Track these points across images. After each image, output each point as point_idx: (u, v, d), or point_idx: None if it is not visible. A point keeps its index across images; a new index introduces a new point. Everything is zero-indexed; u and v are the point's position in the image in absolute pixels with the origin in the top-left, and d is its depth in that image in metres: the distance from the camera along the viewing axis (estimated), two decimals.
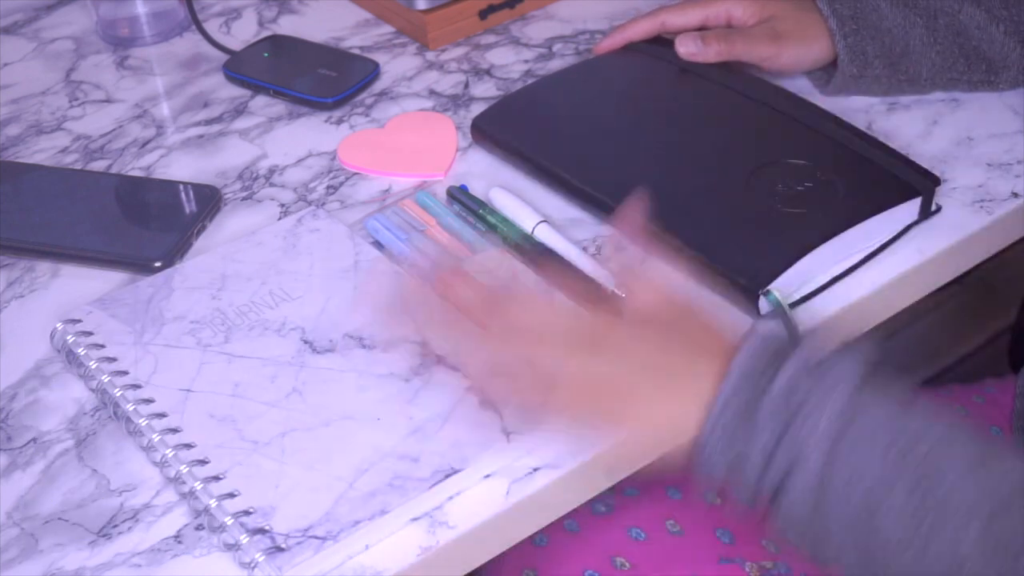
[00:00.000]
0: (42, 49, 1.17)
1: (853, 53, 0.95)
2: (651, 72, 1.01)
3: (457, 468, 0.73)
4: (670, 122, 0.97)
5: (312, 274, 0.87)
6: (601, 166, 0.93)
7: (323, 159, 1.00)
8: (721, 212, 0.88)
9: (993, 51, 0.96)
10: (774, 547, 0.91)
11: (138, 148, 1.03)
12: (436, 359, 0.79)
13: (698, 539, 0.91)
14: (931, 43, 0.96)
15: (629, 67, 1.02)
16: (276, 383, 0.79)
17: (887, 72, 0.96)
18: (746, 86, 0.98)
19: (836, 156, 0.90)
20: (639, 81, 1.01)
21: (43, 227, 0.93)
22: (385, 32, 1.15)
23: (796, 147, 0.91)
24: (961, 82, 0.98)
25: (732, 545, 0.90)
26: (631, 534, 0.91)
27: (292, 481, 0.73)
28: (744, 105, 0.96)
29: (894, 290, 0.87)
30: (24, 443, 0.78)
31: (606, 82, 1.02)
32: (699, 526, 0.92)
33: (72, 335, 0.83)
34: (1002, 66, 0.97)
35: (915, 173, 0.89)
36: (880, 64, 0.96)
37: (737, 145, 0.94)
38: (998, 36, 0.95)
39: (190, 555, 0.71)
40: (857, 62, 0.96)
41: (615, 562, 0.90)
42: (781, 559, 0.90)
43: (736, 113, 0.96)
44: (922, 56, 0.96)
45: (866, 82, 0.97)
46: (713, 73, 0.99)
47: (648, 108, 0.99)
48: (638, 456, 0.73)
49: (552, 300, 0.76)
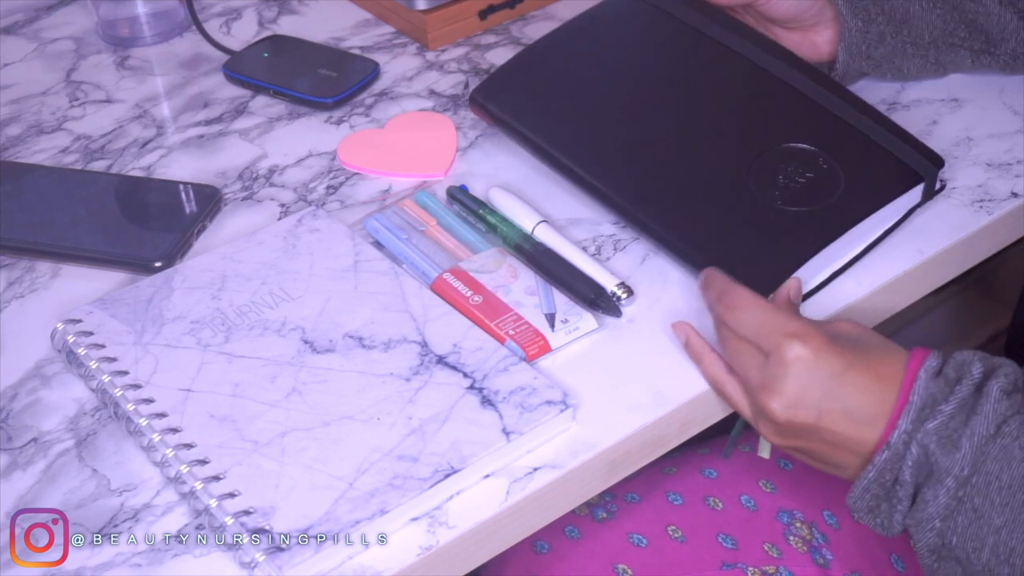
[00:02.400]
0: (42, 49, 1.17)
1: (855, 9, 0.95)
2: (654, 31, 0.98)
3: (457, 468, 0.73)
4: (671, 96, 0.94)
5: (312, 274, 0.87)
6: (599, 148, 0.91)
7: (323, 159, 1.00)
8: (722, 211, 0.87)
9: (990, 24, 0.95)
10: (776, 551, 0.91)
11: (138, 148, 1.03)
12: (436, 359, 0.79)
13: (700, 545, 0.91)
14: (930, 7, 0.95)
15: (633, 23, 0.99)
16: (276, 383, 0.79)
17: (891, 30, 0.95)
18: (753, 50, 0.94)
19: (838, 137, 0.88)
20: (642, 43, 0.98)
21: (43, 227, 0.93)
22: (385, 32, 1.15)
23: (799, 126, 0.89)
24: (963, 49, 0.97)
25: (735, 550, 0.90)
26: (632, 540, 0.91)
27: (292, 481, 0.73)
28: (749, 74, 0.93)
29: (894, 290, 0.87)
30: (24, 443, 0.78)
31: (608, 45, 0.98)
32: (701, 532, 0.91)
33: (72, 335, 0.83)
34: (1000, 38, 0.96)
35: (918, 155, 0.88)
36: (883, 21, 0.95)
37: (739, 126, 0.92)
38: (994, 8, 0.95)
39: (190, 555, 0.71)
40: (861, 16, 0.94)
41: (617, 569, 0.89)
42: (783, 563, 0.90)
43: (741, 84, 0.94)
44: (922, 20, 0.95)
45: (872, 41, 0.96)
46: (722, 34, 0.95)
47: (649, 79, 0.96)
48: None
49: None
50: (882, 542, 0.92)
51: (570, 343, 0.82)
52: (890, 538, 0.84)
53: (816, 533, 0.92)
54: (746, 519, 0.92)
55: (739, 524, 0.92)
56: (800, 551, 0.91)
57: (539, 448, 0.76)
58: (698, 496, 0.93)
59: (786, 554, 0.91)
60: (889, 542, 0.92)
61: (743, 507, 0.93)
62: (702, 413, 0.81)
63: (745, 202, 0.86)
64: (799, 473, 0.94)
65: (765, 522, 0.92)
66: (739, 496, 0.93)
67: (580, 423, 0.77)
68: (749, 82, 0.94)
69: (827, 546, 0.91)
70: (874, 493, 0.74)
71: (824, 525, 0.92)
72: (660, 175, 0.89)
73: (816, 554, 0.91)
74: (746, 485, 0.94)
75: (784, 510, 0.93)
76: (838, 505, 0.93)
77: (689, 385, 0.79)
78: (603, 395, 0.79)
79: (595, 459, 0.76)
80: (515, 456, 0.75)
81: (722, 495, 0.93)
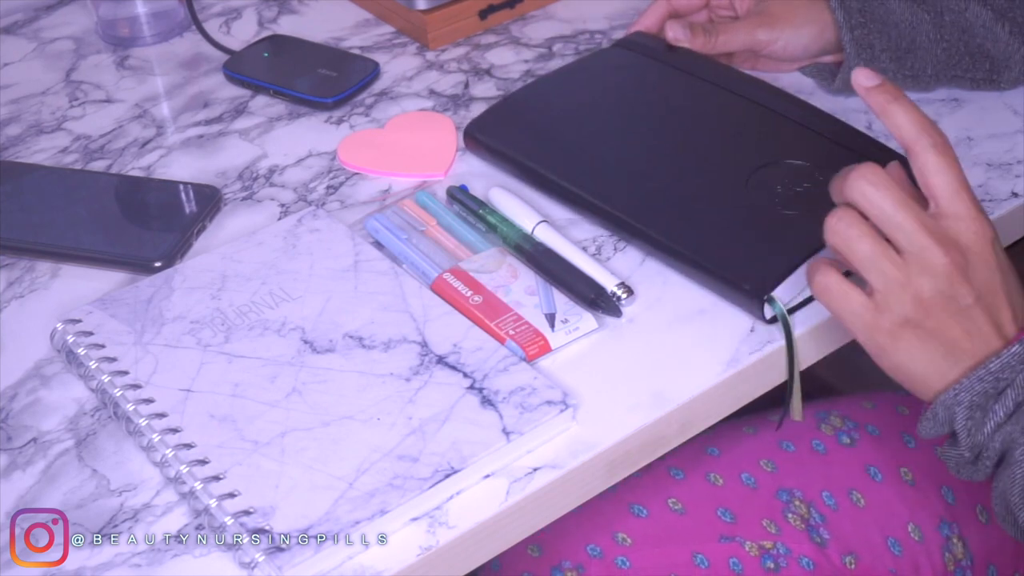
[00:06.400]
0: (42, 49, 1.17)
1: (860, 46, 0.95)
2: (647, 73, 1.00)
3: (457, 468, 0.73)
4: (666, 124, 0.97)
5: (312, 274, 0.87)
6: (597, 171, 0.92)
7: (323, 159, 1.00)
8: (721, 214, 0.87)
9: (997, 50, 0.96)
10: (774, 528, 0.91)
11: (138, 148, 1.03)
12: (436, 359, 0.79)
13: (699, 517, 0.92)
14: (937, 39, 0.96)
15: (623, 68, 1.02)
16: (276, 383, 0.79)
17: (893, 67, 0.96)
18: (743, 87, 0.97)
19: (833, 156, 0.90)
20: (634, 82, 1.01)
21: (43, 227, 0.93)
22: (385, 32, 1.15)
23: (794, 148, 0.91)
24: (964, 80, 0.98)
25: (733, 524, 0.91)
26: (633, 510, 0.92)
27: (292, 481, 0.73)
28: (742, 106, 0.96)
29: None
30: (24, 443, 0.78)
31: (600, 84, 1.01)
32: (700, 505, 0.93)
33: (72, 335, 0.83)
34: (1005, 65, 0.97)
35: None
36: (887, 58, 0.96)
37: (735, 146, 0.94)
38: (1003, 35, 0.95)
39: (190, 555, 0.71)
40: (864, 55, 0.95)
41: (616, 537, 0.90)
42: (781, 539, 0.91)
43: (734, 114, 0.96)
44: (928, 52, 0.96)
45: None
46: (709, 73, 0.99)
47: (644, 110, 0.98)
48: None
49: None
50: (879, 526, 0.93)
51: (570, 343, 0.82)
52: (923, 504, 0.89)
53: (814, 513, 0.93)
54: (746, 495, 0.93)
55: (739, 500, 0.93)
56: (798, 528, 0.92)
57: (539, 448, 0.76)
58: (699, 472, 0.94)
59: (784, 531, 0.91)
60: (886, 527, 0.93)
61: (743, 484, 0.94)
62: (702, 413, 0.81)
63: (745, 208, 0.87)
64: (801, 454, 0.96)
65: (764, 499, 0.93)
66: (740, 474, 0.94)
67: (580, 423, 0.77)
68: (746, 114, 0.95)
69: (825, 526, 0.92)
70: (986, 389, 0.73)
71: (823, 506, 0.93)
72: (660, 190, 0.90)
73: (814, 533, 0.92)
74: (747, 464, 0.95)
75: (784, 489, 0.94)
76: (838, 487, 0.94)
77: (689, 385, 0.79)
78: (603, 395, 0.79)
79: (595, 459, 0.76)
80: (515, 456, 0.75)
81: (723, 472, 0.94)
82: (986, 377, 0.72)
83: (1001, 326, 0.74)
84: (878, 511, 0.94)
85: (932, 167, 0.73)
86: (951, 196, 0.73)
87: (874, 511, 0.94)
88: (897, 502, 0.94)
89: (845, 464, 0.95)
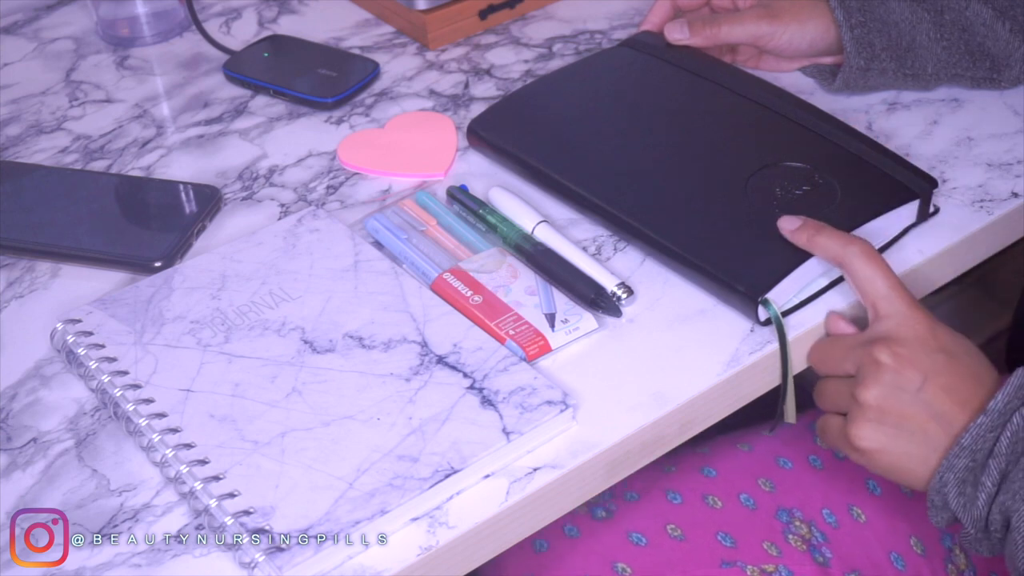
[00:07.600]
0: (42, 49, 1.17)
1: (860, 45, 0.95)
2: (652, 73, 1.01)
3: (457, 468, 0.73)
4: (667, 123, 0.97)
5: (312, 274, 0.87)
6: (598, 170, 0.92)
7: (323, 159, 1.00)
8: (720, 215, 0.87)
9: (998, 48, 0.96)
10: (775, 550, 0.91)
11: (138, 148, 1.03)
12: (436, 359, 0.79)
13: (699, 543, 0.91)
14: (937, 38, 0.96)
15: (628, 67, 1.02)
16: (276, 383, 0.79)
17: (893, 65, 0.96)
18: (748, 87, 0.97)
19: (833, 158, 0.90)
20: (639, 82, 1.01)
21: (43, 227, 0.93)
22: (385, 32, 1.15)
23: (794, 150, 0.91)
24: (964, 78, 0.98)
25: (733, 548, 0.90)
26: (632, 539, 0.91)
27: (292, 481, 0.73)
28: (745, 107, 0.96)
29: None
30: (24, 443, 0.78)
31: (605, 84, 1.01)
32: (700, 530, 0.91)
33: (72, 335, 0.83)
34: (1005, 64, 0.97)
35: (913, 175, 0.89)
36: (887, 57, 0.96)
37: (737, 147, 0.94)
38: (1003, 34, 0.95)
39: (190, 555, 0.71)
40: (864, 54, 0.95)
41: (616, 567, 0.89)
42: (783, 562, 0.90)
43: (737, 115, 0.96)
44: (928, 51, 0.96)
45: (872, 75, 0.97)
46: (714, 73, 0.99)
47: (648, 110, 0.98)
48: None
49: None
50: (881, 541, 0.92)
51: (570, 343, 0.82)
52: (924, 527, 0.88)
53: (815, 532, 0.92)
54: (745, 517, 0.92)
55: (738, 522, 0.92)
56: (799, 549, 0.91)
57: (539, 448, 0.76)
58: (697, 495, 0.93)
59: (785, 552, 0.91)
60: (888, 541, 0.92)
61: (742, 505, 0.93)
62: (702, 413, 0.81)
63: (744, 210, 0.87)
64: (799, 471, 0.95)
65: (764, 521, 0.92)
66: (738, 495, 0.93)
67: (580, 423, 0.77)
68: (749, 115, 0.96)
69: (826, 544, 0.92)
70: (967, 464, 0.74)
71: (824, 524, 0.92)
72: (660, 191, 0.90)
73: (816, 552, 0.91)
74: (745, 484, 0.94)
75: (783, 508, 0.93)
76: (837, 503, 0.93)
77: (689, 385, 0.79)
78: (603, 395, 0.79)
79: (595, 459, 0.76)
80: (515, 456, 0.75)
81: (721, 494, 0.93)
82: (961, 453, 0.74)
83: (966, 402, 0.75)
84: (879, 526, 0.93)
85: (864, 275, 0.79)
86: (886, 298, 0.79)
87: (875, 526, 0.93)
88: (898, 516, 0.93)
89: (844, 479, 0.94)
